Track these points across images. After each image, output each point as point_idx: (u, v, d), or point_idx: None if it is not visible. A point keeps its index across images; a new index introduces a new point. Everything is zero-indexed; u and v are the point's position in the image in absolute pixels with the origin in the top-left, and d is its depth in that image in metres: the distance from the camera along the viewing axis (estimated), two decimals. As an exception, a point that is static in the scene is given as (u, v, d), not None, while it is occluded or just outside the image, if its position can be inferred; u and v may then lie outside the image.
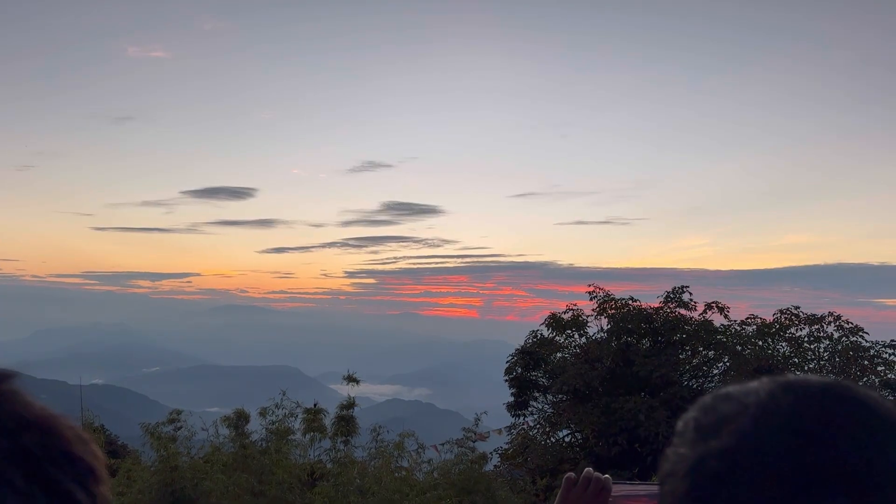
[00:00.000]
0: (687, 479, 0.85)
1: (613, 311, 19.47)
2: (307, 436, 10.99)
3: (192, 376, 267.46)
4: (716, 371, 18.68)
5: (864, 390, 0.86)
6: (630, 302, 19.60)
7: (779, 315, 18.86)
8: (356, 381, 12.57)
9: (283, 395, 10.65)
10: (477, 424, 11.17)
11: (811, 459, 0.84)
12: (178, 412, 10.33)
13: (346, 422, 11.28)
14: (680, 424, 0.91)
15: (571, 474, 1.38)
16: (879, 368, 16.93)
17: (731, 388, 0.90)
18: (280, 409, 10.49)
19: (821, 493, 0.84)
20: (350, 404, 11.72)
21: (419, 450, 10.40)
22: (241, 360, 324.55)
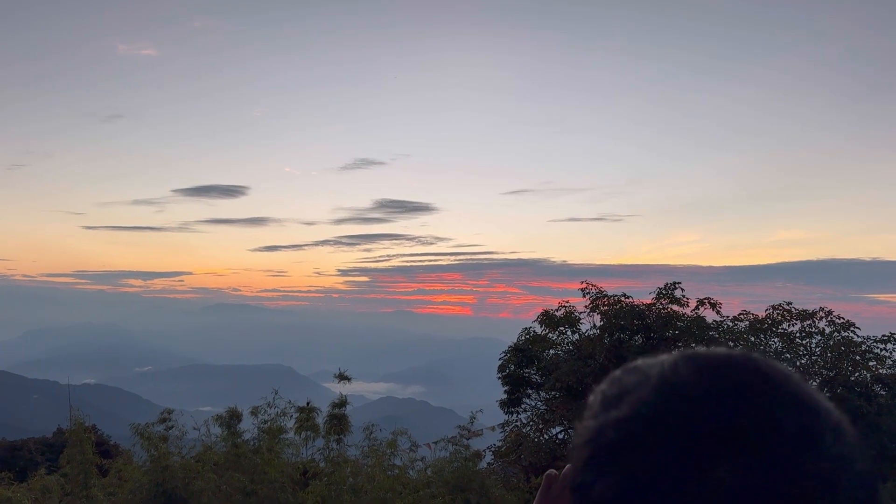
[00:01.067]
0: (585, 449, 0.87)
1: (606, 308, 19.49)
2: (300, 435, 10.96)
3: (184, 376, 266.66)
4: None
5: (767, 360, 0.87)
6: (623, 298, 19.62)
7: (771, 311, 18.93)
8: (348, 379, 12.53)
9: (276, 394, 10.60)
10: (472, 422, 11.15)
11: (704, 426, 0.86)
12: (170, 411, 10.27)
13: (338, 420, 11.25)
14: (590, 398, 0.93)
15: (553, 471, 1.33)
16: (871, 363, 16.99)
17: (640, 361, 0.92)
18: (272, 408, 10.45)
19: (712, 458, 0.85)
20: (342, 402, 11.67)
21: (412, 448, 10.38)
22: (233, 359, 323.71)
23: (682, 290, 19.53)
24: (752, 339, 18.58)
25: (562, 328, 20.12)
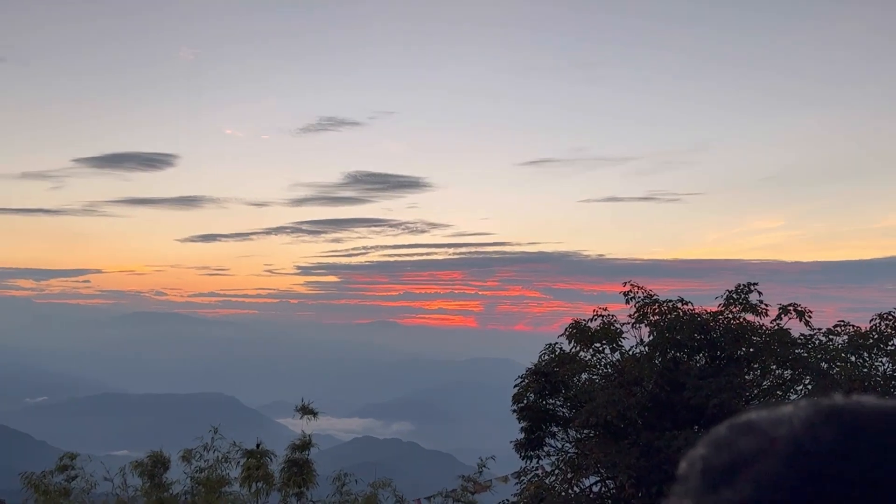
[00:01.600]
0: None
1: (657, 318, 19.49)
2: (248, 487, 10.94)
3: (91, 409, 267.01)
4: (794, 395, 18.79)
5: None
6: (679, 305, 19.62)
7: (878, 321, 18.92)
8: (313, 414, 12.51)
9: (215, 432, 10.56)
10: (480, 471, 11.19)
11: None
12: (73, 456, 10.24)
13: (299, 468, 11.25)
14: (683, 466, 0.88)
15: None
16: None
17: (756, 415, 0.87)
18: (211, 452, 10.41)
19: None
20: (305, 444, 11.68)
21: (399, 505, 10.39)
22: (157, 387, 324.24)
23: (760, 293, 19.52)
24: (853, 358, 18.61)
25: (598, 345, 20.12)
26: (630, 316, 20.16)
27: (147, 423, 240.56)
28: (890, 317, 18.94)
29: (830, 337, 19.19)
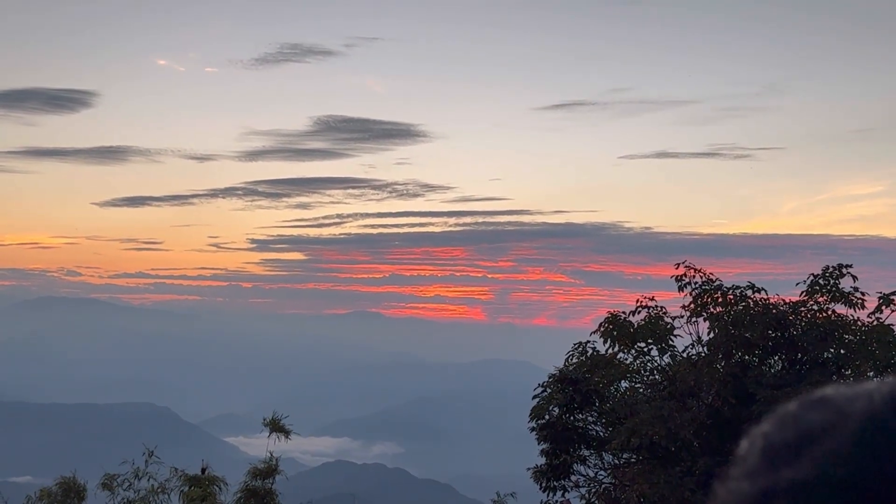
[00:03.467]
0: None
1: (720, 310, 19.53)
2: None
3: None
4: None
5: None
6: (749, 293, 19.66)
7: None
8: (285, 433, 12.53)
9: (151, 454, 10.58)
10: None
11: None
12: (-38, 483, 10.29)
13: (260, 500, 11.31)
14: (744, 444, 0.98)
15: None
16: None
17: (832, 390, 0.94)
18: (141, 479, 10.43)
19: None
20: (269, 470, 11.74)
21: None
22: (69, 395, 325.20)
23: (854, 278, 19.58)
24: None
25: (642, 344, 20.17)
26: (684, 307, 20.19)
27: (56, 440, 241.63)
28: None
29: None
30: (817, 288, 19.58)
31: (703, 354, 19.55)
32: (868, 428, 0.86)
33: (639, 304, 20.53)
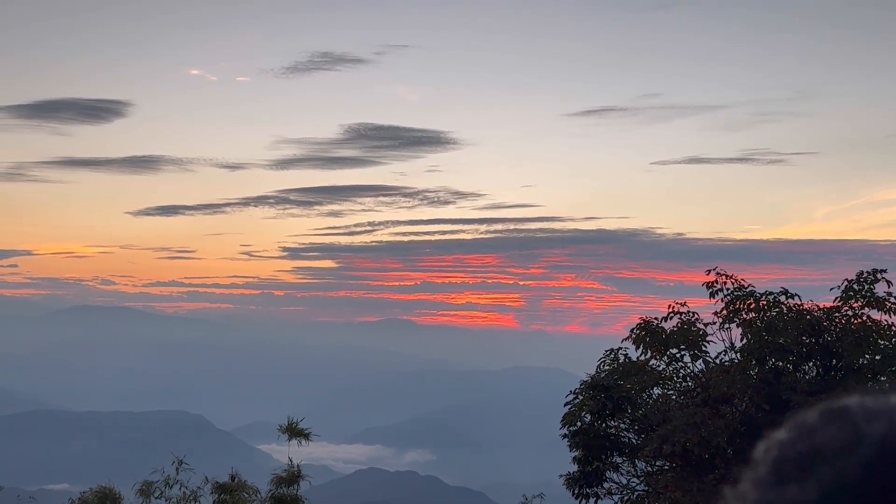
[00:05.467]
0: None
1: (753, 316, 19.43)
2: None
3: (20, 430, 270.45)
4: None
5: None
6: (782, 299, 19.56)
7: None
8: (304, 437, 12.54)
9: (180, 463, 10.62)
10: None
11: None
12: (-3, 490, 10.34)
13: (287, 507, 11.31)
14: (760, 448, 0.97)
15: None
16: None
17: (860, 400, 0.93)
18: (174, 486, 10.46)
19: None
20: (294, 476, 11.74)
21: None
22: (104, 403, 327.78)
23: (889, 283, 19.45)
24: None
25: (675, 350, 20.08)
26: (717, 313, 20.09)
27: (92, 448, 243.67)
28: None
29: None
30: (852, 293, 19.44)
31: (736, 361, 19.45)
32: (881, 455, 0.86)
33: (671, 310, 20.47)
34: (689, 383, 19.93)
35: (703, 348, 20.10)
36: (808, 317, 19.12)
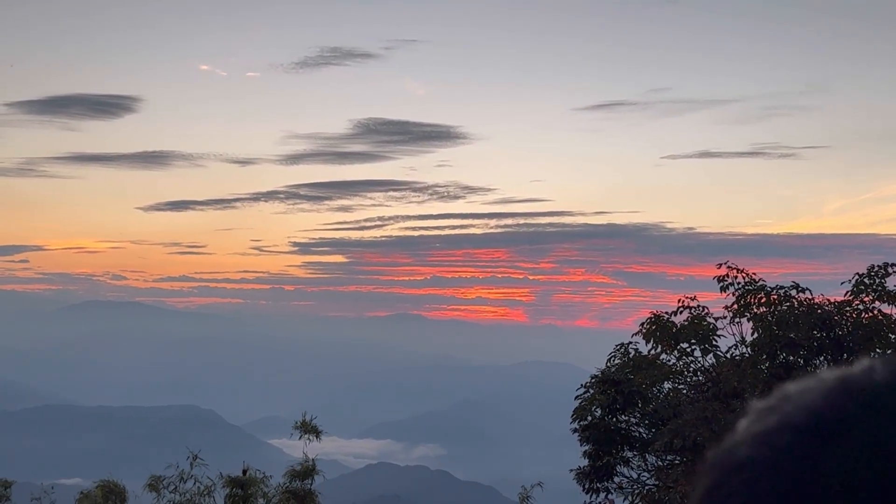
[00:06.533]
0: (709, 478, 0.97)
1: (763, 310, 19.42)
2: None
3: (31, 425, 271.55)
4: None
5: None
6: (793, 293, 19.54)
7: None
8: (316, 434, 12.58)
9: (195, 458, 10.65)
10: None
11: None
12: (7, 484, 10.40)
13: (300, 501, 11.36)
14: (712, 452, 1.03)
15: None
16: None
17: (802, 385, 1.02)
18: (186, 481, 10.49)
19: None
20: (308, 471, 11.78)
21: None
22: (117, 398, 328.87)
23: (900, 277, 19.42)
24: None
25: (685, 345, 20.07)
26: (727, 308, 20.08)
27: (103, 443, 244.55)
28: None
29: None
30: (863, 287, 19.42)
31: (746, 355, 19.45)
32: (836, 386, 0.94)
33: (681, 304, 20.47)
34: (700, 378, 19.93)
35: (714, 343, 20.10)
36: (819, 311, 19.11)
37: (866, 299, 19.33)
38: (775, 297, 19.55)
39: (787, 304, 19.34)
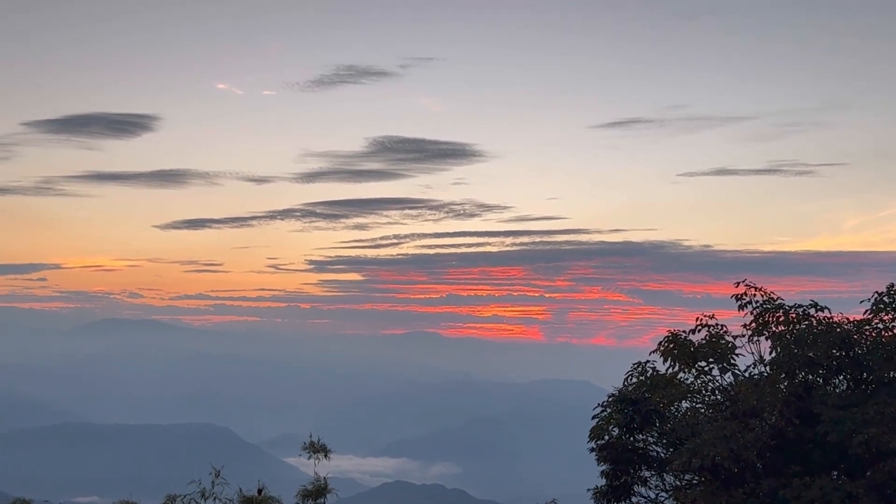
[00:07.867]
0: None
1: (782, 329, 19.37)
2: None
3: (49, 443, 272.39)
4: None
5: None
6: (812, 312, 19.48)
7: None
8: (325, 453, 12.56)
9: (217, 474, 10.65)
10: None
11: None
12: (25, 503, 10.41)
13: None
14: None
15: None
16: None
17: None
18: (207, 498, 10.49)
19: None
20: (320, 490, 11.76)
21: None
22: (134, 415, 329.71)
23: (920, 296, 19.32)
24: None
25: (703, 363, 20.03)
26: (745, 326, 20.05)
27: (120, 460, 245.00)
28: None
29: None
30: (882, 306, 19.37)
31: (765, 374, 19.40)
32: None
33: (699, 322, 20.44)
34: (718, 396, 19.90)
35: (732, 361, 20.07)
36: (838, 330, 19.08)
37: (886, 318, 19.26)
38: (794, 315, 19.54)
39: (806, 322, 19.32)
